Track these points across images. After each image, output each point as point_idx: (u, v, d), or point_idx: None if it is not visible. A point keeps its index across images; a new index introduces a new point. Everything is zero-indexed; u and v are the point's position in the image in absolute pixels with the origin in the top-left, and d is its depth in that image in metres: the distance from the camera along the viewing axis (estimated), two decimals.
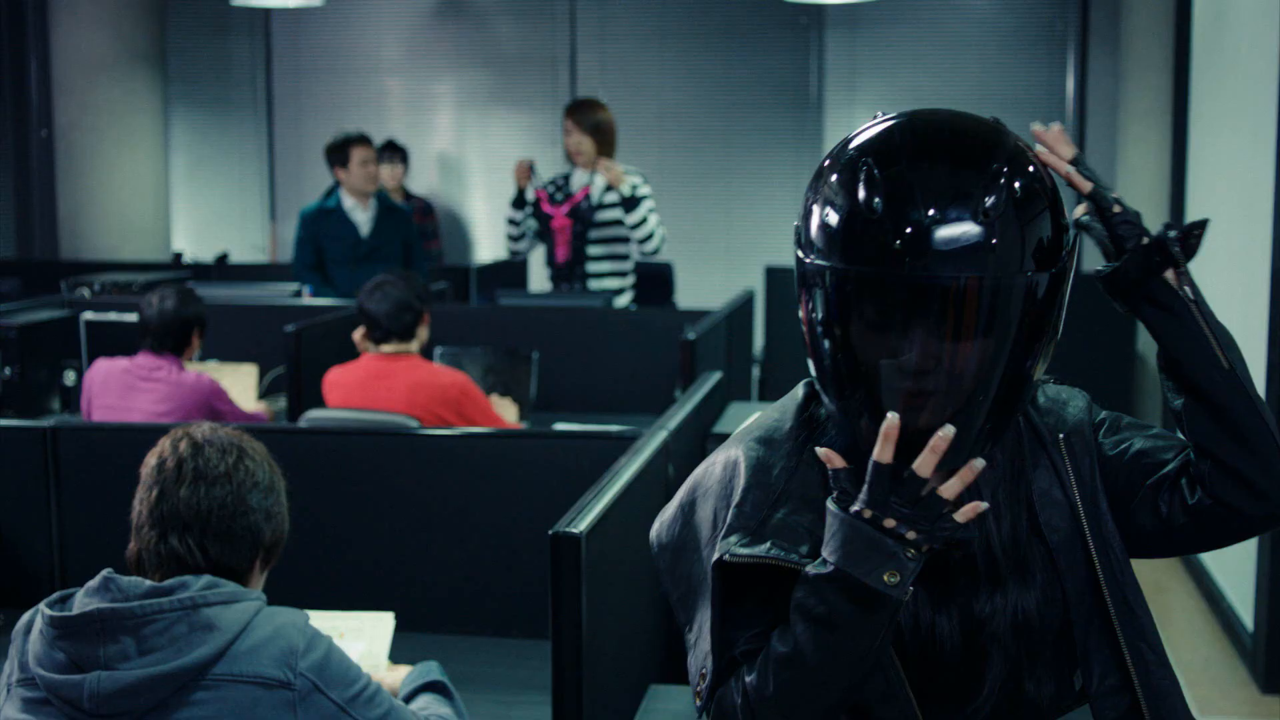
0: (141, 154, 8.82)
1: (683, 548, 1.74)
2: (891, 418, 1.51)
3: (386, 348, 4.43)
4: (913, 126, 1.60)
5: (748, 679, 1.64)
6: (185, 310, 4.49)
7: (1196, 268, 1.68)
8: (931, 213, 1.51)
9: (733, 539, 1.63)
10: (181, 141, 10.12)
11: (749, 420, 1.79)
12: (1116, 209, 1.64)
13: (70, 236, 8.68)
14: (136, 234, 8.78)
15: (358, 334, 4.49)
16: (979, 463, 1.52)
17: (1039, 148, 1.62)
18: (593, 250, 6.51)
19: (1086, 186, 1.63)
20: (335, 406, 4.38)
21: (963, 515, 1.53)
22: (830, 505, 1.56)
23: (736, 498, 1.67)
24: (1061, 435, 1.72)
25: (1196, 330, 1.63)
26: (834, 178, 1.59)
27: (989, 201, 1.51)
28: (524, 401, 5.14)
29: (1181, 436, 1.71)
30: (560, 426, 4.83)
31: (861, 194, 1.54)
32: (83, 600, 1.96)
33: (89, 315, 5.39)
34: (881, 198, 1.53)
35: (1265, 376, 4.71)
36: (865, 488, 1.53)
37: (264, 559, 2.14)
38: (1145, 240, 1.62)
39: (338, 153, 6.61)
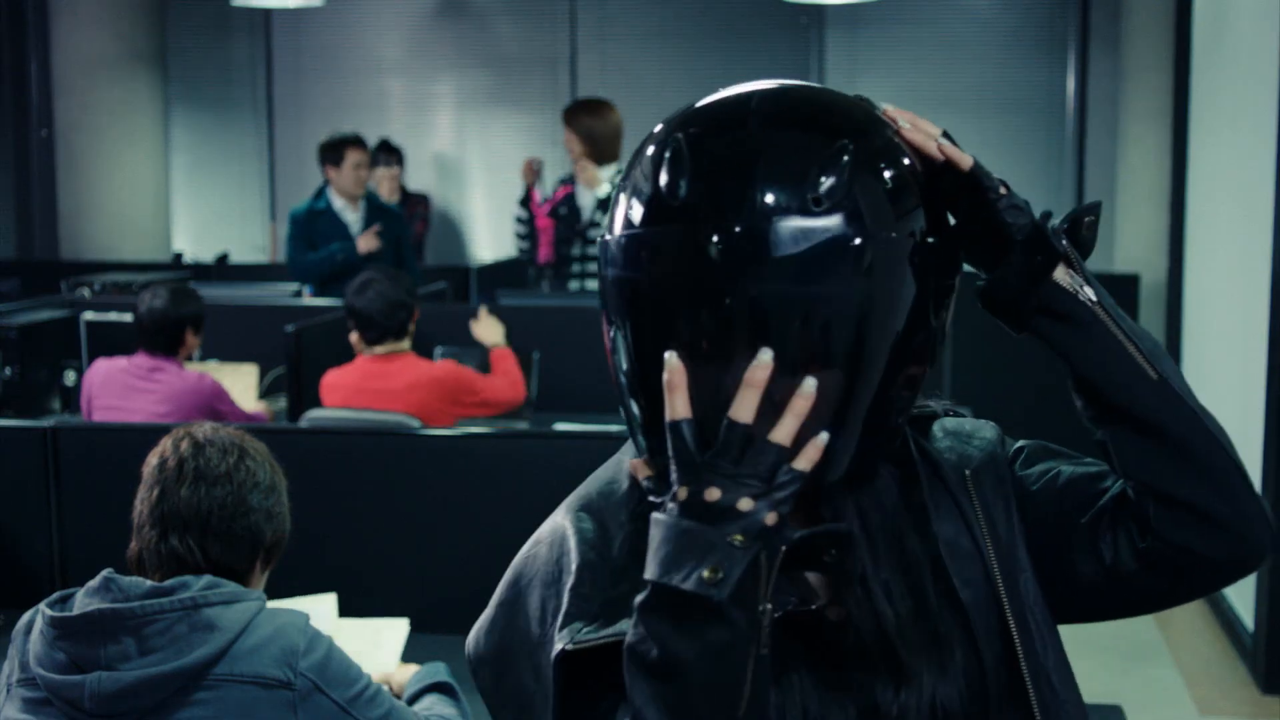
0: (142, 154, 8.82)
1: (508, 656, 1.32)
2: (671, 359, 1.16)
3: (380, 348, 4.42)
4: (742, 95, 1.27)
5: None
6: (174, 309, 4.44)
7: (1199, 269, 1.58)
8: (756, 198, 1.18)
9: (575, 625, 1.24)
10: (182, 141, 10.13)
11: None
12: (1002, 190, 1.27)
13: (70, 236, 8.69)
14: (137, 234, 8.79)
15: (355, 335, 4.48)
16: (810, 385, 1.15)
17: (902, 124, 1.27)
18: (592, 250, 6.53)
19: (967, 161, 1.26)
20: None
21: (804, 459, 1.15)
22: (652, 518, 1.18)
23: (571, 579, 1.27)
24: (968, 472, 1.35)
25: (1108, 339, 1.28)
26: (646, 154, 1.26)
27: (825, 185, 1.18)
28: (525, 400, 5.16)
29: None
30: (561, 426, 4.83)
31: (664, 177, 1.22)
32: (83, 600, 1.96)
33: (89, 315, 5.39)
34: (687, 179, 1.21)
35: (1266, 378, 4.71)
36: (673, 462, 1.16)
37: (265, 559, 2.14)
38: (1020, 235, 1.27)
39: (331, 152, 6.60)
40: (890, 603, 1.27)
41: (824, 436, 1.16)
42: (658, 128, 1.29)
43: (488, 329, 4.89)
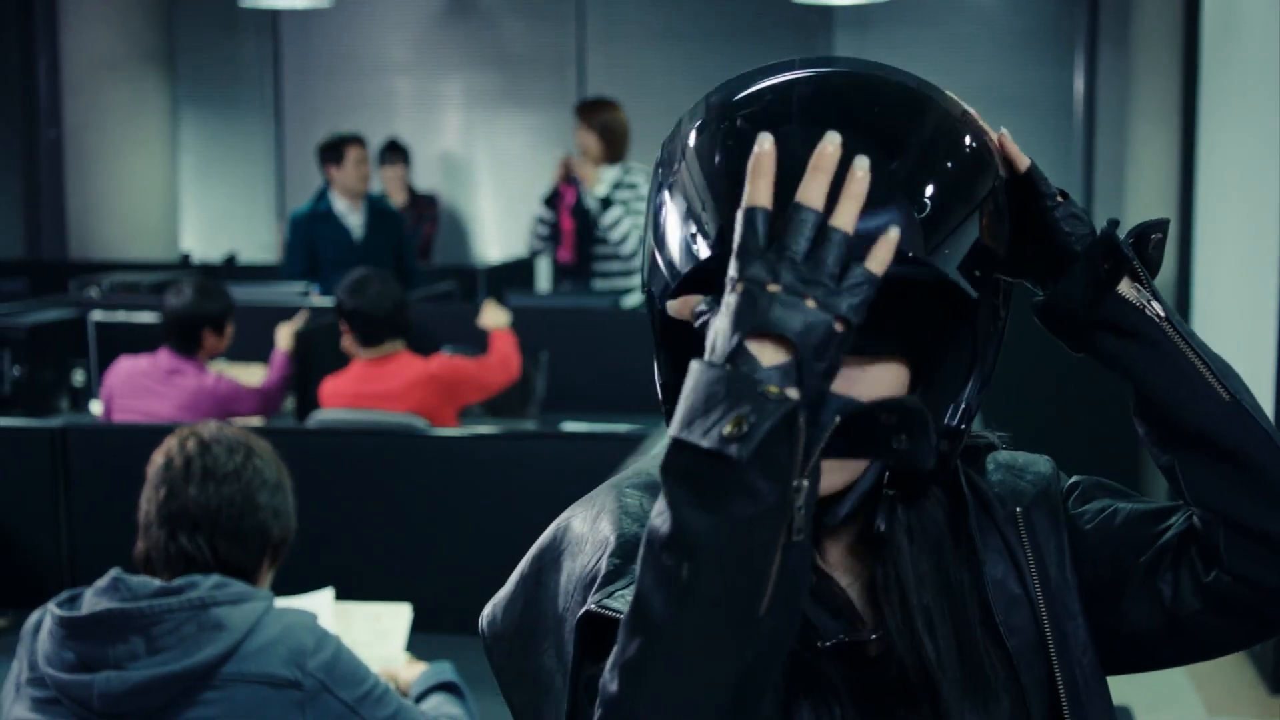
0: (150, 154, 8.84)
1: (527, 636, 1.22)
2: (764, 138, 1.00)
3: (376, 350, 4.37)
4: (782, 95, 1.13)
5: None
6: (195, 308, 4.43)
7: (1208, 269, 1.50)
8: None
9: (609, 589, 1.13)
10: (190, 141, 10.13)
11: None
12: (1059, 198, 1.18)
13: (79, 236, 8.70)
14: (145, 234, 8.80)
15: (348, 339, 4.44)
16: (863, 161, 0.99)
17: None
18: (601, 249, 6.52)
19: (1024, 162, 1.18)
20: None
21: (876, 260, 0.98)
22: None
23: (610, 547, 1.16)
24: (1019, 510, 1.24)
25: (1177, 357, 1.19)
26: (697, 181, 1.12)
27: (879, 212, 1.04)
28: (531, 398, 5.18)
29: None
30: (569, 426, 4.83)
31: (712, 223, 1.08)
32: (92, 600, 1.96)
33: (97, 315, 5.39)
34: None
35: (1275, 387, 4.70)
36: (735, 254, 0.99)
37: (272, 557, 2.14)
38: (1080, 245, 1.18)
39: (331, 151, 6.59)
40: (931, 634, 1.17)
41: (895, 231, 0.99)
42: (703, 126, 1.14)
43: (491, 316, 4.87)
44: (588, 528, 1.20)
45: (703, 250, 1.08)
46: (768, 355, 0.95)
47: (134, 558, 2.09)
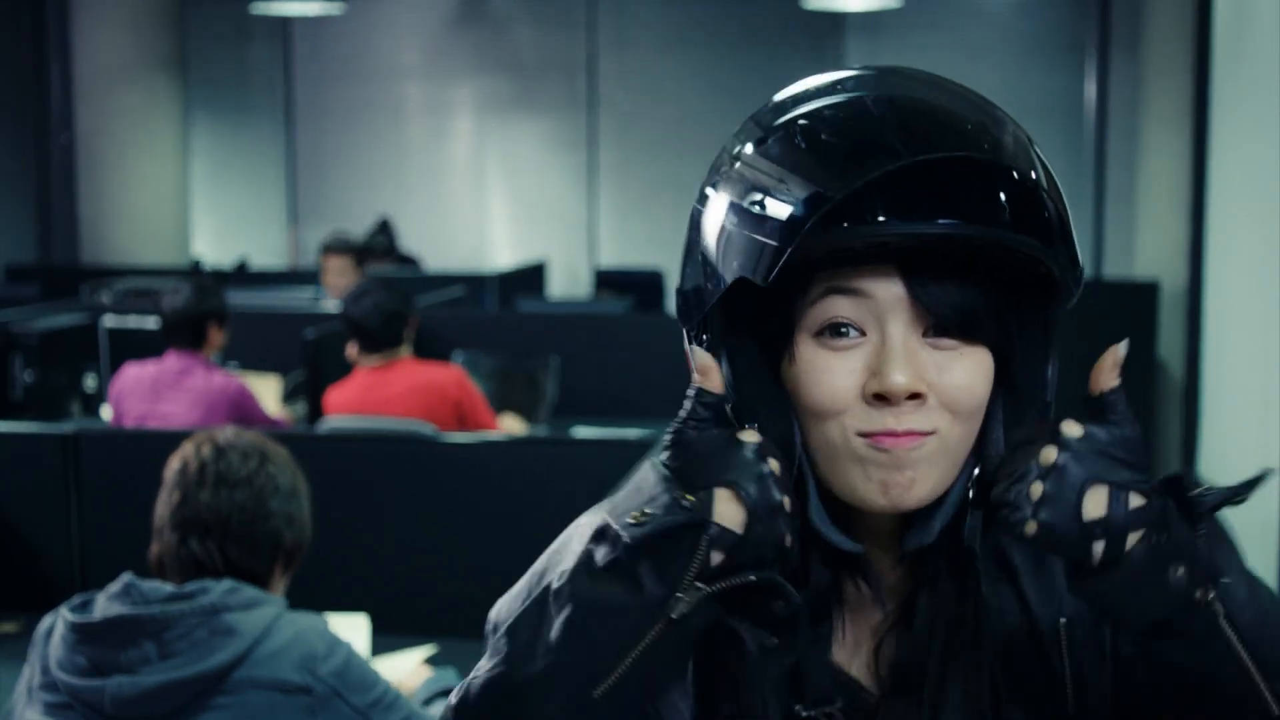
0: (162, 159, 8.85)
1: None
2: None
3: (377, 358, 4.38)
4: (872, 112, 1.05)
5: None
6: (198, 304, 4.44)
7: (1220, 275, 1.39)
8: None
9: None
10: (202, 147, 10.16)
11: None
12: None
13: (91, 242, 8.72)
14: (156, 239, 8.81)
15: (351, 348, 4.44)
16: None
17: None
18: None
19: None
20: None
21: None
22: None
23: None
24: (1063, 621, 1.04)
25: (1229, 661, 0.94)
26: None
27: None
28: (541, 403, 5.17)
29: None
30: (579, 432, 4.83)
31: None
32: (104, 605, 1.97)
33: (109, 320, 5.40)
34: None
35: None
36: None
37: (285, 563, 2.14)
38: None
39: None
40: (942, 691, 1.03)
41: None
42: (760, 129, 1.12)
43: (510, 424, 4.89)
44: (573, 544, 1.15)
45: (799, 210, 0.99)
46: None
47: (148, 562, 2.10)
